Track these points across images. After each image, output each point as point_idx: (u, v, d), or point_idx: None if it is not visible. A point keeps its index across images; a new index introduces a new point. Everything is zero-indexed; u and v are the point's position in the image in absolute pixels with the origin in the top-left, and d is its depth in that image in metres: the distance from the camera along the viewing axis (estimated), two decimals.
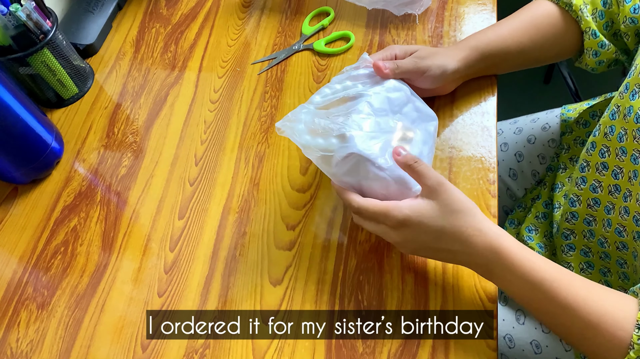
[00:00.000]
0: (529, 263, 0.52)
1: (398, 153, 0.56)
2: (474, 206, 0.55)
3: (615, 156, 0.59)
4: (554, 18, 0.70)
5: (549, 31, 0.70)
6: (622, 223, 0.60)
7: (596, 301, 0.50)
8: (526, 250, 0.54)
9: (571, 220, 0.68)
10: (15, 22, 0.72)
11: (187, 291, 0.65)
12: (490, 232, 0.54)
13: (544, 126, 0.89)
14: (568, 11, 0.70)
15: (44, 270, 0.69)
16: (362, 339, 0.59)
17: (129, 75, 0.86)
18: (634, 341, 0.48)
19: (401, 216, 0.54)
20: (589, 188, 0.64)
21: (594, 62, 0.71)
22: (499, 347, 0.77)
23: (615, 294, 0.52)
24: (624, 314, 0.50)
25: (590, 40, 0.69)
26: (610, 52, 0.69)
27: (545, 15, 0.71)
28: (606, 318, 0.50)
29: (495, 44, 0.70)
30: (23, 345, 0.64)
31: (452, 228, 0.54)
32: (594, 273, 0.69)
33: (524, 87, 1.74)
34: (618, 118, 0.59)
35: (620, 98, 0.60)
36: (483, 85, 0.75)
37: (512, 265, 0.53)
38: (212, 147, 0.76)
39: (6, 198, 0.76)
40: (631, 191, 0.58)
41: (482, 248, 0.54)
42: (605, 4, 0.68)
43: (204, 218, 0.70)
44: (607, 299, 0.51)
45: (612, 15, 0.67)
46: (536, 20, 0.71)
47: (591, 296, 0.51)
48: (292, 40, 0.85)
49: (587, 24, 0.68)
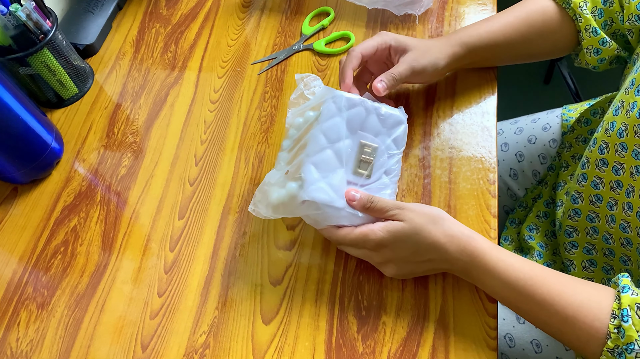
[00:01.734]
0: (502, 263, 0.54)
1: (352, 199, 0.59)
2: (439, 214, 0.57)
3: (615, 152, 0.60)
4: (549, 14, 0.70)
5: (542, 27, 0.70)
6: (626, 219, 0.60)
7: (571, 295, 0.52)
8: (500, 251, 0.55)
9: (574, 217, 0.68)
10: (15, 22, 0.72)
11: (187, 291, 0.65)
12: (463, 236, 0.56)
13: (545, 126, 0.89)
14: (565, 9, 0.69)
15: (44, 269, 0.69)
16: (362, 339, 0.59)
17: (129, 75, 0.86)
18: (610, 331, 0.49)
19: (377, 238, 0.57)
20: (590, 184, 0.64)
21: (595, 60, 0.70)
22: (499, 346, 0.77)
23: (590, 286, 0.53)
24: (599, 305, 0.51)
25: (591, 38, 0.69)
26: (612, 49, 0.68)
27: (539, 12, 0.70)
28: (582, 310, 0.51)
29: (485, 39, 0.70)
30: (23, 345, 0.64)
31: (425, 240, 0.56)
32: (596, 271, 0.69)
33: (524, 87, 1.74)
34: (620, 114, 0.59)
35: (625, 93, 0.60)
36: (483, 85, 0.75)
37: (487, 267, 0.55)
38: (212, 147, 0.76)
39: (6, 198, 0.76)
40: (634, 187, 0.58)
41: (457, 253, 0.56)
42: (606, 2, 0.68)
43: (204, 218, 0.70)
44: (582, 293, 0.52)
45: (612, 14, 0.67)
46: (530, 17, 0.70)
47: (566, 290, 0.52)
48: (292, 40, 0.85)
49: (587, 21, 0.68)
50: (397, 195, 0.68)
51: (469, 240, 0.55)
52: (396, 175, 0.63)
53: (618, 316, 0.49)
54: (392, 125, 0.63)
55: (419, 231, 0.56)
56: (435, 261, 0.58)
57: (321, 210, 0.58)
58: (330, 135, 0.60)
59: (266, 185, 0.62)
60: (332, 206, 0.58)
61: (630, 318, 0.48)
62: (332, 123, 0.60)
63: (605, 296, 0.51)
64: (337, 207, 0.59)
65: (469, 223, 0.65)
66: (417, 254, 0.57)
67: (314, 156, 0.59)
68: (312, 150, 0.59)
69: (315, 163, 0.59)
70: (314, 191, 0.58)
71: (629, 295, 0.50)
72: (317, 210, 0.59)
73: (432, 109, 0.74)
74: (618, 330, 0.49)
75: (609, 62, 0.71)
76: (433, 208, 0.58)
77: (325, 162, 0.59)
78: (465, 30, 0.71)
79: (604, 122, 0.62)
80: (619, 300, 0.50)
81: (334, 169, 0.60)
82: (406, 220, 0.57)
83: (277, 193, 0.60)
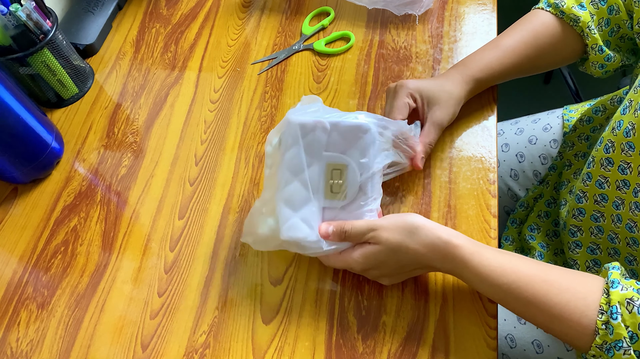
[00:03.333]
0: (484, 269, 0.54)
1: (326, 235, 0.59)
2: (413, 222, 0.56)
3: (621, 151, 0.59)
4: (555, 32, 0.70)
5: (549, 47, 0.70)
6: (633, 219, 0.59)
7: (556, 294, 0.51)
8: (480, 254, 0.55)
9: (578, 216, 0.67)
10: (15, 22, 0.72)
11: (187, 291, 0.65)
12: (441, 244, 0.55)
13: (545, 126, 0.89)
14: (573, 27, 0.69)
15: (44, 269, 0.69)
16: (362, 339, 0.59)
17: (129, 75, 0.86)
18: (598, 327, 0.49)
19: (360, 266, 0.59)
20: (594, 184, 0.64)
21: (600, 72, 0.72)
22: (500, 347, 0.77)
23: (578, 280, 0.53)
24: (586, 301, 0.50)
25: (597, 55, 0.70)
26: (616, 62, 0.70)
27: (547, 34, 0.70)
28: (568, 308, 0.51)
29: (496, 72, 0.70)
30: (23, 345, 0.64)
31: (406, 255, 0.57)
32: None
33: (524, 87, 1.74)
34: (628, 113, 0.59)
35: (634, 92, 0.59)
36: None
37: (470, 272, 0.55)
38: (212, 147, 0.76)
39: (6, 198, 0.76)
40: None
41: (439, 262, 0.56)
42: (612, 11, 0.68)
43: (204, 218, 0.70)
44: (568, 289, 0.52)
45: (619, 21, 0.68)
46: (537, 39, 0.70)
47: (552, 289, 0.52)
48: (292, 40, 0.85)
49: (594, 40, 0.69)
50: (397, 195, 0.68)
51: (447, 246, 0.55)
52: (373, 188, 0.60)
53: (606, 312, 0.49)
54: (355, 136, 0.59)
55: (396, 249, 0.56)
56: (425, 267, 0.58)
57: (301, 245, 0.59)
58: (293, 167, 0.59)
59: (253, 216, 0.62)
60: (310, 241, 0.59)
61: (619, 315, 0.48)
62: (292, 154, 0.59)
63: (592, 291, 0.51)
64: (314, 241, 0.59)
65: (469, 223, 0.65)
66: (404, 266, 0.58)
67: (283, 191, 0.59)
68: (280, 186, 0.59)
69: (286, 200, 0.59)
70: (288, 231, 0.58)
71: (618, 290, 0.49)
72: (297, 246, 0.59)
73: None
74: (606, 326, 0.48)
75: (613, 71, 0.72)
76: (406, 216, 0.57)
77: (294, 196, 0.59)
78: (476, 63, 0.70)
79: (612, 121, 0.62)
80: (607, 295, 0.50)
81: (305, 201, 0.59)
82: (381, 242, 0.57)
83: (262, 229, 0.61)
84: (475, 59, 0.70)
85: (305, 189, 0.59)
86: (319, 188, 0.60)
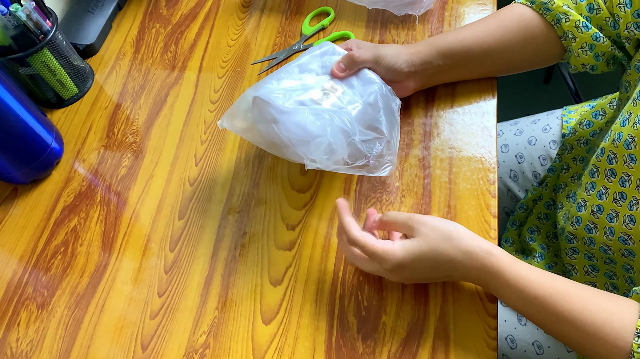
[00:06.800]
0: (522, 280, 0.53)
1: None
2: (456, 228, 0.56)
3: (624, 163, 0.59)
4: (525, 20, 0.69)
5: (518, 32, 0.69)
6: (627, 232, 0.59)
7: (593, 313, 0.51)
8: (519, 266, 0.54)
9: (575, 224, 0.67)
10: (15, 22, 0.72)
11: (187, 291, 0.65)
12: (481, 252, 0.54)
13: (545, 127, 0.89)
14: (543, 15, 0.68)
15: (44, 270, 0.69)
16: (362, 339, 0.59)
17: (129, 75, 0.86)
18: (634, 350, 0.48)
19: (396, 261, 0.55)
20: (596, 194, 0.63)
21: (591, 58, 0.67)
22: (501, 348, 0.77)
23: (614, 302, 0.52)
24: (623, 323, 0.50)
25: (583, 34, 0.66)
26: (606, 45, 0.66)
27: (514, 18, 0.69)
28: (604, 328, 0.50)
29: (454, 42, 0.69)
30: (23, 345, 0.64)
31: (443, 258, 0.55)
32: (599, 276, 0.69)
33: (524, 87, 1.74)
34: (627, 125, 0.58)
35: (634, 104, 0.59)
36: (483, 86, 0.75)
37: (507, 283, 0.54)
38: (212, 147, 0.76)
39: (6, 198, 0.76)
40: (638, 200, 0.58)
41: (475, 270, 0.55)
42: (592, 9, 0.66)
43: (204, 218, 0.70)
44: (605, 309, 0.51)
45: (600, 21, 0.66)
46: (504, 22, 0.70)
47: (588, 307, 0.51)
48: (292, 40, 0.85)
49: (576, 17, 0.66)
50: (397, 195, 0.68)
51: (487, 256, 0.54)
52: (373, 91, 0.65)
53: None
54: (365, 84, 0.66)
55: (436, 249, 0.55)
56: (454, 276, 0.57)
57: (264, 109, 0.61)
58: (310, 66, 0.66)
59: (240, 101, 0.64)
60: (274, 106, 0.60)
61: None
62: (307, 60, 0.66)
63: (628, 313, 0.50)
64: (278, 107, 0.60)
65: (469, 223, 0.65)
66: (435, 271, 0.57)
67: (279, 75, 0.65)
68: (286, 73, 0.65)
69: (279, 80, 0.64)
70: (263, 89, 0.61)
71: None
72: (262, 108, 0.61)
73: (432, 109, 0.74)
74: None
75: (606, 62, 0.68)
76: (447, 221, 0.57)
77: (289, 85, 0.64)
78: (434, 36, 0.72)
79: (612, 132, 0.61)
80: None
81: (293, 89, 0.63)
82: (420, 236, 0.55)
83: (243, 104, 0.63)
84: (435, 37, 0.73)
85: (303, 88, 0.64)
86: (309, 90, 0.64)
